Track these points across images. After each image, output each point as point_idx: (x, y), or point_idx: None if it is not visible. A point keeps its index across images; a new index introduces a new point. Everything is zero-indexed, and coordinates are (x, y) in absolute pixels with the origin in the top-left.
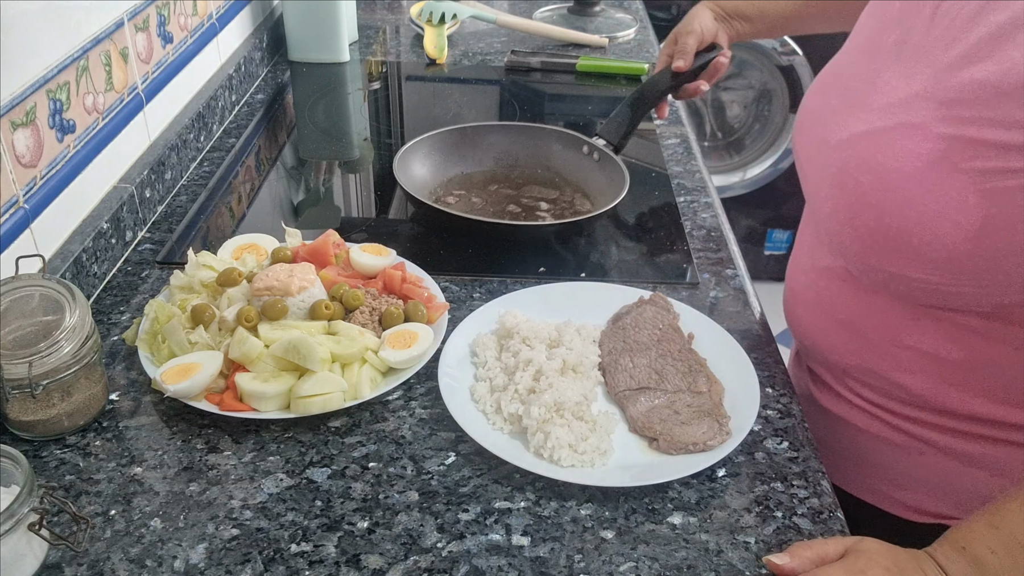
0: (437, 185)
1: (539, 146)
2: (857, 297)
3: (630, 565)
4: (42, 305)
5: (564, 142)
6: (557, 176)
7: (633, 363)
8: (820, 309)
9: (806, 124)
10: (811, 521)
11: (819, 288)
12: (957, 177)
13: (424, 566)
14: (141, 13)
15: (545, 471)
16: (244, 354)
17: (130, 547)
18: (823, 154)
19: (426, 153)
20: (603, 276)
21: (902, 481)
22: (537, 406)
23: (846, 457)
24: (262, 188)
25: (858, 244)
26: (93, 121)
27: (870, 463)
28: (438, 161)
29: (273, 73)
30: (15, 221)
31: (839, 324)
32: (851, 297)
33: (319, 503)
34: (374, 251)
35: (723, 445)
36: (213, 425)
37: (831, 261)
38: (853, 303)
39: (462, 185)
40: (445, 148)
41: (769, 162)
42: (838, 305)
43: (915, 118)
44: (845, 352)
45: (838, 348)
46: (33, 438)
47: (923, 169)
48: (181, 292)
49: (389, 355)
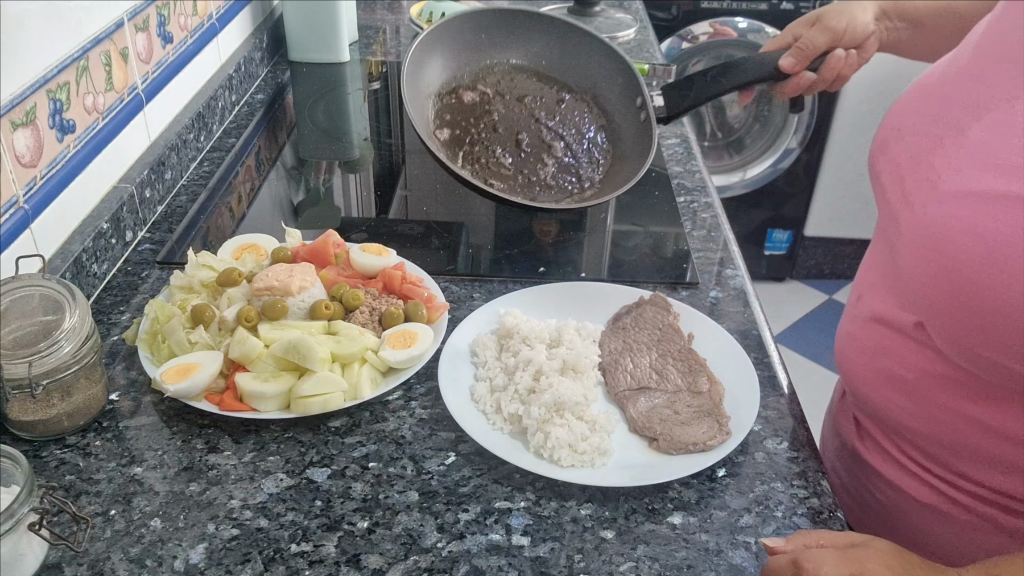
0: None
1: (594, 68)
2: (931, 362)
3: (630, 565)
4: (42, 305)
5: (624, 78)
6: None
7: (633, 363)
8: (879, 359)
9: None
10: (811, 521)
11: (882, 339)
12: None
13: (424, 566)
14: (141, 13)
15: (545, 471)
16: (244, 354)
17: (130, 547)
18: (927, 203)
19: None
20: (603, 276)
21: (953, 558)
22: (537, 406)
23: (885, 519)
24: (262, 188)
25: (949, 320)
26: (93, 121)
27: (914, 531)
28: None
29: (273, 73)
30: (15, 221)
31: (902, 384)
32: (922, 357)
33: (319, 503)
34: (374, 251)
35: (723, 445)
36: (213, 425)
37: (906, 317)
38: (925, 363)
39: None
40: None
41: (769, 162)
42: (904, 362)
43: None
44: (904, 414)
45: (897, 408)
46: (33, 438)
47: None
48: (181, 292)
49: (389, 355)
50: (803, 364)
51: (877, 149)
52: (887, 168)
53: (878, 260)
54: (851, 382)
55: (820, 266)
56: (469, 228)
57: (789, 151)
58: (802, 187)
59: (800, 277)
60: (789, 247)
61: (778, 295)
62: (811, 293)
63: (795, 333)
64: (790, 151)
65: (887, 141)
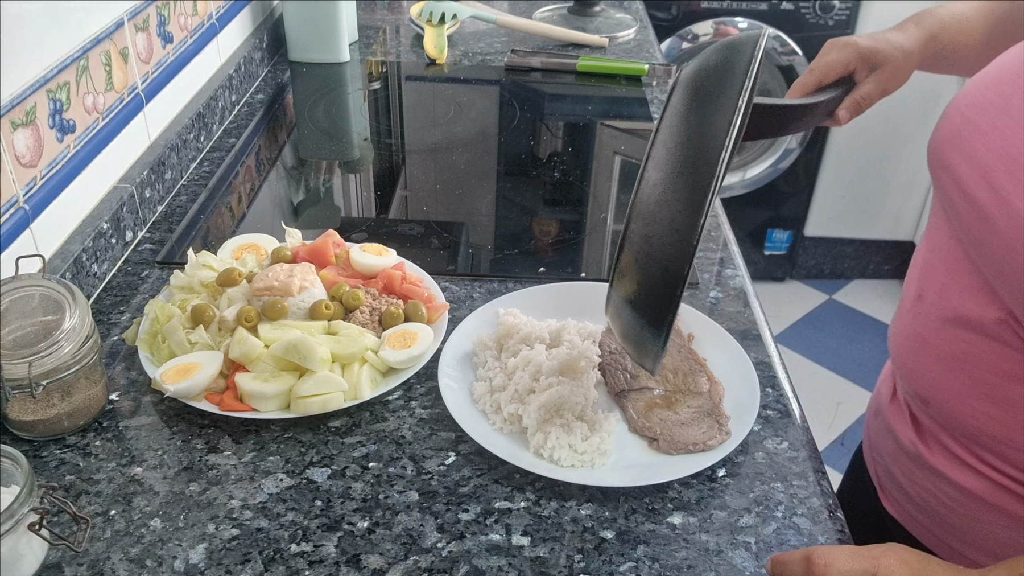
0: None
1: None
2: (1016, 363)
3: (630, 565)
4: (42, 305)
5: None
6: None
7: (633, 363)
8: (961, 367)
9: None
10: (811, 521)
11: (966, 342)
12: None
13: (424, 566)
14: (141, 13)
15: (545, 471)
16: (244, 354)
17: (130, 547)
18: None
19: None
20: (603, 276)
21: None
22: (537, 406)
23: (948, 522)
24: (262, 188)
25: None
26: (93, 121)
27: (981, 535)
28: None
29: (273, 73)
30: (15, 221)
31: (988, 388)
32: (1008, 356)
33: (319, 503)
34: (374, 251)
35: (723, 445)
36: (213, 425)
37: (986, 309)
38: (1009, 364)
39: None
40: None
41: (769, 162)
42: (993, 367)
43: None
44: (982, 417)
45: (975, 413)
46: (33, 438)
47: None
48: (181, 292)
49: (389, 355)
50: (803, 364)
51: (945, 143)
52: (964, 163)
53: (948, 258)
54: (919, 387)
55: (820, 266)
56: (469, 228)
57: (789, 151)
58: (802, 187)
59: (800, 277)
60: (789, 247)
61: (778, 295)
62: (811, 293)
63: (795, 333)
64: (790, 151)
65: (960, 134)
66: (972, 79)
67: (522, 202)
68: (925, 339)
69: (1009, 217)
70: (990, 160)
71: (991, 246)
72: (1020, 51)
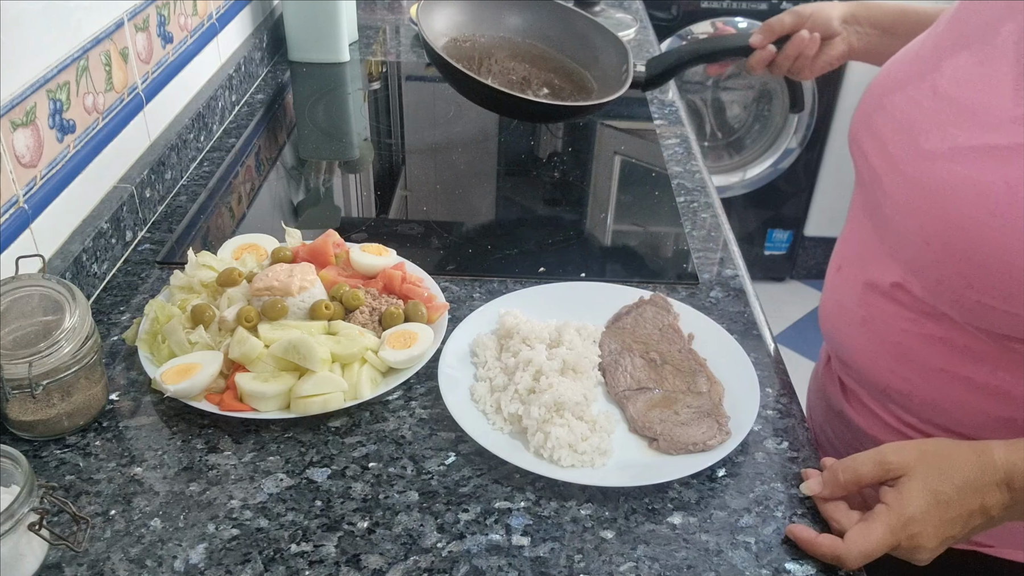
0: (472, 31)
1: (581, 40)
2: (912, 318)
3: (630, 565)
4: (42, 305)
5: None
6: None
7: (633, 363)
8: (870, 329)
9: (885, 123)
10: (811, 521)
11: (865, 300)
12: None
13: (424, 566)
14: (141, 13)
15: (545, 471)
16: (244, 354)
17: (130, 547)
18: (912, 161)
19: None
20: (603, 276)
21: None
22: (537, 406)
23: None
24: (262, 188)
25: (940, 267)
26: (93, 121)
27: None
28: (466, 17)
29: (273, 73)
30: (15, 221)
31: (892, 347)
32: (904, 316)
33: (319, 503)
34: (374, 251)
35: (723, 445)
36: (213, 425)
37: (886, 272)
38: (906, 323)
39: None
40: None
41: (769, 162)
42: (895, 328)
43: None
44: (894, 377)
45: (886, 372)
46: (33, 438)
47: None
48: (181, 292)
49: (389, 355)
50: (803, 364)
51: (859, 123)
52: (870, 139)
53: (858, 229)
54: (840, 350)
55: (820, 266)
56: (469, 228)
57: (789, 151)
58: (802, 187)
59: (800, 277)
60: (789, 247)
61: (778, 295)
62: (811, 293)
63: (795, 333)
64: (790, 151)
65: (869, 114)
66: (884, 65)
67: (522, 202)
68: (843, 305)
69: (898, 183)
70: (887, 133)
71: (884, 210)
72: (922, 37)
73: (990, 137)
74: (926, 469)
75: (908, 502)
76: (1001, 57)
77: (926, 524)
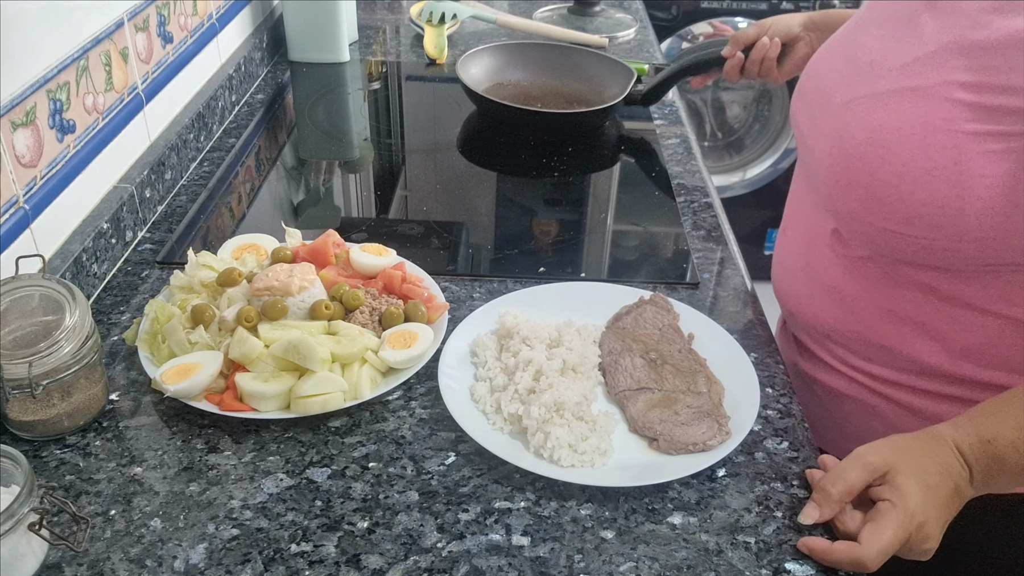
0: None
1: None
2: (844, 263)
3: (630, 565)
4: (42, 305)
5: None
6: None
7: (633, 363)
8: (806, 274)
9: (809, 88)
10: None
11: (806, 252)
12: (956, 137)
13: (424, 566)
14: (141, 13)
15: (545, 471)
16: (244, 354)
17: (130, 547)
18: (824, 116)
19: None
20: (603, 276)
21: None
22: (537, 406)
23: (829, 423)
24: (262, 188)
25: (850, 202)
26: (93, 121)
27: (852, 428)
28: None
29: (273, 73)
30: (15, 221)
31: (825, 289)
32: (838, 262)
33: (319, 503)
34: (374, 251)
35: (723, 445)
36: (213, 425)
37: (821, 223)
38: (840, 268)
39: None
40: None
41: (769, 162)
42: (825, 270)
43: (921, 81)
44: (828, 317)
45: (822, 313)
46: (33, 438)
47: (921, 129)
48: (181, 292)
49: (389, 355)
50: None
51: (796, 97)
52: (802, 106)
53: (797, 191)
54: (786, 301)
55: None
56: (469, 228)
57: (789, 151)
58: None
59: None
60: None
61: None
62: None
63: None
64: (790, 151)
65: (803, 85)
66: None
67: (522, 202)
68: (788, 262)
69: (816, 135)
70: (812, 97)
71: (811, 164)
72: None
73: (880, 85)
74: (907, 462)
75: (907, 495)
76: (905, 26)
77: (928, 512)
